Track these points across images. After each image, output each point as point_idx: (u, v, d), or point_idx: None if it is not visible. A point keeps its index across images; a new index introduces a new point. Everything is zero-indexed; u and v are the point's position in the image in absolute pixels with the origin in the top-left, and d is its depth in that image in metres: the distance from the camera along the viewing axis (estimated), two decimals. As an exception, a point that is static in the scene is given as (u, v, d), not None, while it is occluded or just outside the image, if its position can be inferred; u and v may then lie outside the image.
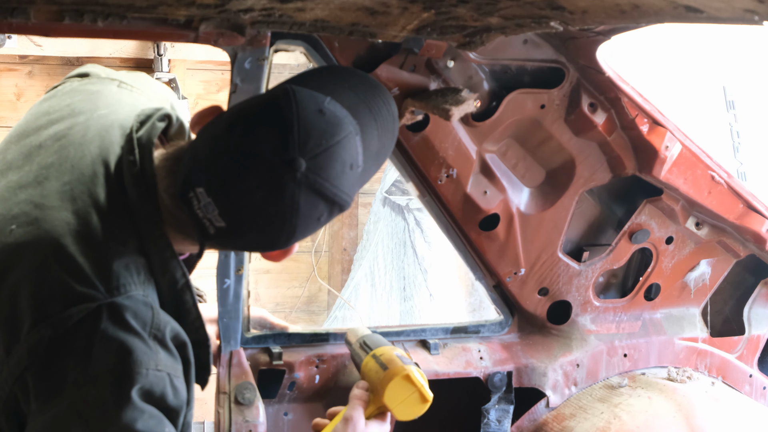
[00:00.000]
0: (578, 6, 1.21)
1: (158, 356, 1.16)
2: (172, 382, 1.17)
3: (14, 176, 1.27)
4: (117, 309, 1.15)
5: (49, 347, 1.12)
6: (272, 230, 1.15)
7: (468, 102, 1.71)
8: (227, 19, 1.48)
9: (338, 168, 1.14)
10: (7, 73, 3.97)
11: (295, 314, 4.81)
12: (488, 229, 2.02)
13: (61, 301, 1.14)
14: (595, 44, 1.74)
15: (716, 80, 4.53)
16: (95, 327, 1.13)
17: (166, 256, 1.22)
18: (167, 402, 1.16)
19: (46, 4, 1.32)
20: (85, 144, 1.28)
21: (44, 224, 1.18)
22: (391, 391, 1.45)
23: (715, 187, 2.05)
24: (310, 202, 1.13)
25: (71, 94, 1.41)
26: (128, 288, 1.17)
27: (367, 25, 1.54)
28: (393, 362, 1.49)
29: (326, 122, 1.13)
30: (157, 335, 1.17)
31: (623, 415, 2.04)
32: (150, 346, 1.15)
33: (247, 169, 1.11)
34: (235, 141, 1.13)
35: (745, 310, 2.37)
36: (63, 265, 1.16)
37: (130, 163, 1.22)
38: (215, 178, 1.13)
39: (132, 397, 1.11)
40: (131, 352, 1.13)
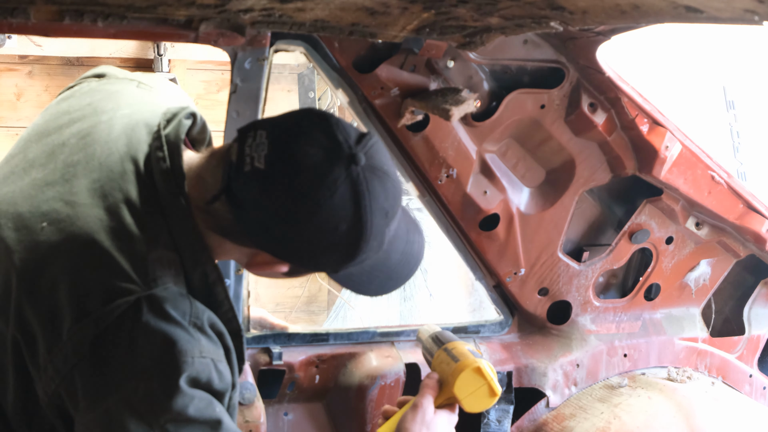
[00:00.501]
0: (578, 6, 1.21)
1: (201, 343, 1.17)
2: (216, 367, 1.19)
3: (39, 174, 1.28)
4: (156, 300, 1.16)
5: (94, 344, 1.13)
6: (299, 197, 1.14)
7: (468, 102, 1.71)
8: (227, 19, 1.48)
9: (381, 198, 1.18)
10: (7, 73, 3.97)
11: (295, 314, 4.81)
12: (488, 229, 2.02)
13: (101, 296, 1.15)
14: (595, 44, 1.74)
15: (716, 80, 4.53)
16: (137, 320, 1.14)
17: (197, 250, 1.23)
18: (213, 386, 1.18)
19: (46, 4, 1.32)
20: (112, 142, 1.29)
21: (77, 221, 1.19)
22: (461, 382, 1.48)
23: (715, 187, 2.05)
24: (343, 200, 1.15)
25: (91, 94, 1.42)
26: (164, 280, 1.19)
27: (367, 26, 1.54)
28: (464, 355, 1.53)
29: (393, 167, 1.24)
30: (196, 323, 1.19)
31: (623, 415, 2.04)
32: (192, 334, 1.17)
33: (315, 136, 1.16)
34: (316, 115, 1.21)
35: (745, 310, 2.37)
36: (100, 261, 1.17)
37: (159, 159, 1.24)
38: (283, 127, 1.18)
39: (180, 385, 1.13)
40: (175, 342, 1.14)
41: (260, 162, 1.15)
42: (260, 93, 1.72)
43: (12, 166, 1.33)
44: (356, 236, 1.17)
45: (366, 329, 2.09)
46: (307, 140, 1.16)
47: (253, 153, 1.16)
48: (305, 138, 1.16)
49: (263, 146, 1.16)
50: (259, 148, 1.16)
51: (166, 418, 1.13)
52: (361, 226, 1.17)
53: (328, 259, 1.22)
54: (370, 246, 1.20)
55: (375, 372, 1.99)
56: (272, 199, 1.16)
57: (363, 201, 1.16)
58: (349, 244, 1.18)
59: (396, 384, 2.00)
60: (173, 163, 1.23)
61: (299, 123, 1.20)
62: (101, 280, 1.16)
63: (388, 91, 1.81)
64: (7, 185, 1.29)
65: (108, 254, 1.17)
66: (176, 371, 1.13)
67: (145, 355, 1.13)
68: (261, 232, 1.21)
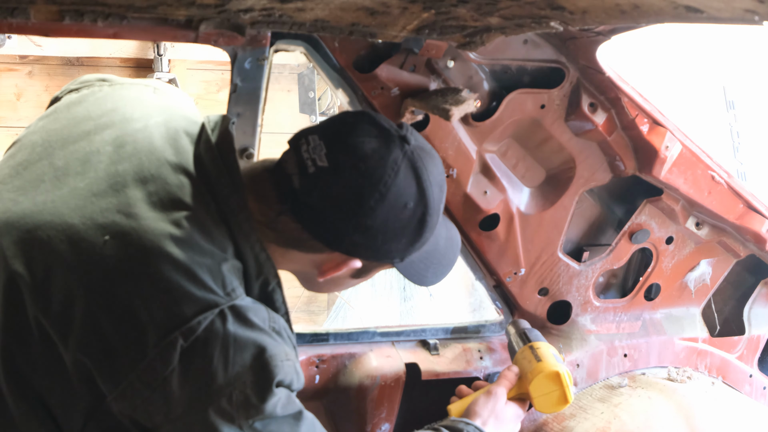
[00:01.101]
0: (578, 6, 1.21)
1: (284, 347, 1.23)
2: (296, 368, 1.25)
3: (80, 183, 1.25)
4: (239, 310, 1.19)
5: (184, 356, 1.15)
6: (368, 183, 1.21)
7: (468, 102, 1.71)
8: (227, 19, 1.48)
9: (435, 171, 1.28)
10: (7, 73, 3.97)
11: (295, 314, 4.81)
12: (488, 229, 2.02)
13: (186, 308, 1.16)
14: (595, 44, 1.74)
15: (716, 80, 4.53)
16: (225, 330, 1.17)
17: (261, 259, 1.27)
18: (293, 386, 1.24)
19: (46, 4, 1.32)
20: (158, 152, 1.29)
21: (145, 234, 1.19)
22: (538, 383, 1.59)
23: (715, 187, 2.05)
24: (407, 177, 1.23)
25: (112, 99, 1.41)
26: (240, 291, 1.22)
27: (367, 25, 1.54)
28: (547, 358, 1.63)
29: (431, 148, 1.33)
30: (275, 328, 1.24)
31: (623, 416, 2.04)
32: (275, 339, 1.22)
33: (364, 126, 1.25)
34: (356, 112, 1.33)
35: (745, 310, 2.37)
36: (178, 273, 1.17)
37: (218, 171, 1.27)
38: (331, 128, 1.26)
39: (273, 388, 1.18)
40: (265, 348, 1.19)
41: (323, 161, 1.22)
42: (260, 93, 1.72)
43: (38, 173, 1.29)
44: (423, 211, 1.26)
45: (366, 329, 2.09)
46: (358, 132, 1.23)
47: (313, 155, 1.22)
48: (356, 131, 1.24)
49: (320, 147, 1.22)
50: (317, 149, 1.22)
51: (256, 418, 1.18)
52: (425, 200, 1.26)
53: (399, 242, 1.28)
54: (433, 221, 1.29)
55: (375, 372, 1.99)
56: (343, 192, 1.22)
57: (423, 176, 1.25)
58: (418, 222, 1.26)
59: (396, 384, 2.00)
60: (231, 174, 1.27)
61: (344, 121, 1.27)
62: (183, 293, 1.17)
63: (388, 91, 1.81)
64: (41, 194, 1.26)
65: (185, 266, 1.18)
66: (270, 376, 1.18)
67: (238, 363, 1.17)
68: (333, 232, 1.26)
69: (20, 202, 1.25)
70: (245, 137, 1.75)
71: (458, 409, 1.62)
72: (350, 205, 1.22)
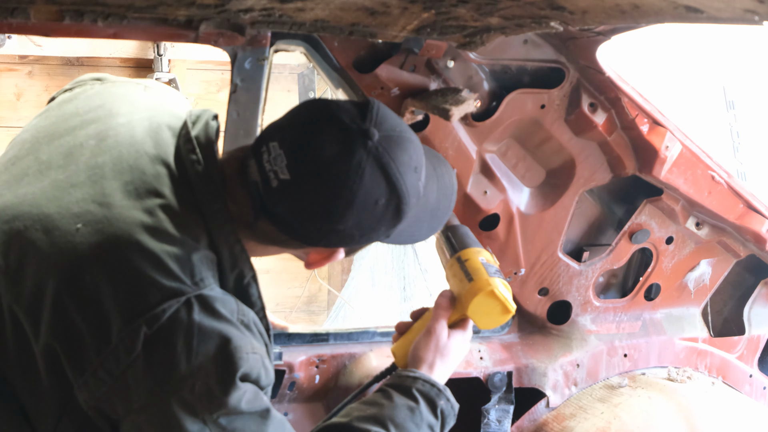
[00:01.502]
0: (578, 6, 1.21)
1: (251, 340, 1.20)
2: (264, 363, 1.22)
3: (60, 175, 1.27)
4: (206, 300, 1.18)
5: (147, 344, 1.14)
6: (333, 192, 1.18)
7: (468, 102, 1.71)
8: (227, 19, 1.48)
9: (405, 158, 1.22)
10: (7, 73, 3.97)
11: (295, 314, 4.81)
12: (488, 229, 2.02)
13: (151, 296, 1.16)
14: (596, 44, 1.74)
15: (716, 80, 4.53)
16: (190, 319, 1.15)
17: (236, 251, 1.25)
18: (260, 382, 1.22)
19: (46, 4, 1.32)
20: (138, 144, 1.29)
21: (116, 222, 1.19)
22: (475, 306, 1.47)
23: (715, 187, 2.05)
24: (374, 176, 1.19)
25: (100, 96, 1.42)
26: (209, 281, 1.21)
27: (367, 25, 1.54)
28: (478, 274, 1.50)
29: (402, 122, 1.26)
30: (243, 320, 1.22)
31: (623, 415, 2.04)
32: (242, 332, 1.20)
33: (323, 128, 1.19)
34: (316, 108, 1.23)
35: (745, 310, 2.37)
36: (146, 261, 1.17)
37: (194, 162, 1.25)
38: (291, 132, 1.21)
39: (236, 381, 1.16)
40: (230, 339, 1.17)
41: (284, 173, 1.18)
42: (260, 93, 1.72)
43: (23, 167, 1.31)
44: (396, 203, 1.22)
45: (366, 329, 2.09)
46: (318, 135, 1.19)
47: (274, 167, 1.19)
48: (315, 134, 1.19)
49: (280, 157, 1.19)
50: (278, 160, 1.19)
51: (220, 413, 1.15)
52: (398, 193, 1.21)
53: (378, 231, 1.26)
54: (411, 203, 1.25)
55: (375, 372, 1.98)
56: (309, 203, 1.20)
57: (391, 170, 1.20)
58: (393, 212, 1.23)
59: (396, 384, 1.99)
60: (208, 166, 1.25)
61: (303, 122, 1.22)
62: (149, 281, 1.16)
63: (388, 91, 1.81)
64: (23, 186, 1.27)
65: (153, 254, 1.17)
66: (233, 367, 1.16)
67: (201, 354, 1.15)
68: (309, 236, 1.25)
69: (3, 195, 1.27)
70: (245, 137, 1.75)
71: (401, 352, 1.54)
72: (320, 215, 1.21)
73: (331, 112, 1.21)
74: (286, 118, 1.25)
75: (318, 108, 1.24)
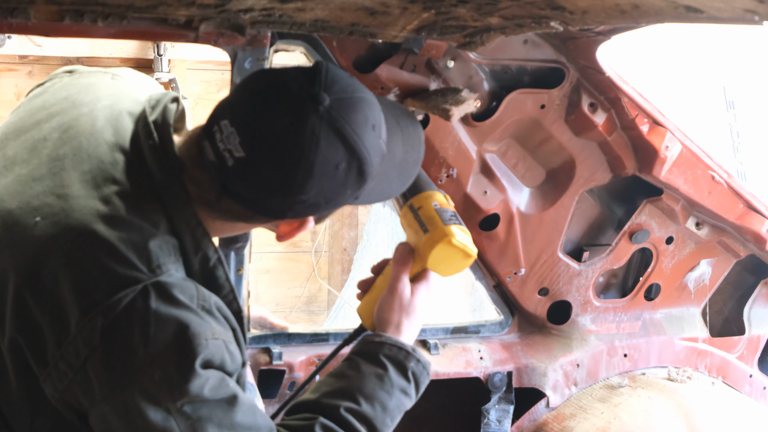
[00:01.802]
0: (578, 6, 1.21)
1: (212, 326, 1.18)
2: (227, 348, 1.20)
3: (23, 170, 1.27)
4: (163, 287, 1.16)
5: (105, 335, 1.13)
6: (290, 164, 1.16)
7: (468, 102, 1.71)
8: (227, 19, 1.48)
9: (360, 118, 1.18)
10: (7, 73, 3.97)
11: (295, 314, 4.81)
12: (488, 229, 2.02)
13: (107, 286, 1.15)
14: (595, 44, 1.74)
15: (716, 80, 4.53)
16: (147, 307, 1.14)
17: (197, 235, 1.24)
18: (226, 367, 1.19)
19: (46, 4, 1.32)
20: (97, 133, 1.28)
21: (72, 213, 1.19)
22: (434, 258, 1.41)
23: (715, 187, 2.05)
24: (330, 142, 1.16)
25: (66, 88, 1.41)
26: (168, 267, 1.19)
27: (367, 25, 1.54)
28: (433, 222, 1.42)
29: (355, 81, 1.21)
30: (204, 306, 1.19)
31: (623, 415, 2.04)
32: (202, 317, 1.17)
33: (272, 100, 1.16)
34: (263, 80, 1.20)
35: (745, 310, 2.37)
36: (102, 251, 1.16)
37: (151, 147, 1.24)
38: (240, 108, 1.18)
39: (196, 368, 1.14)
40: (188, 326, 1.15)
41: (239, 151, 1.16)
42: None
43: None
44: (358, 165, 1.19)
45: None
46: (267, 109, 1.16)
47: (228, 146, 1.16)
48: (265, 107, 1.16)
49: (233, 135, 1.16)
50: (230, 138, 1.16)
51: (183, 401, 1.14)
52: (357, 155, 1.18)
53: (344, 195, 1.23)
54: (374, 161, 1.22)
55: (375, 372, 1.98)
56: (268, 179, 1.18)
57: (347, 134, 1.17)
58: (356, 174, 1.20)
59: (396, 384, 1.99)
60: (165, 149, 1.23)
61: (252, 96, 1.19)
62: (105, 270, 1.15)
63: (389, 91, 1.81)
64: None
65: (109, 243, 1.16)
66: (191, 354, 1.14)
67: (158, 341, 1.13)
68: (273, 209, 1.23)
69: None
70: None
71: (366, 312, 1.48)
72: (280, 189, 1.19)
73: (279, 82, 1.18)
74: (235, 93, 1.22)
75: (265, 79, 1.20)
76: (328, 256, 4.91)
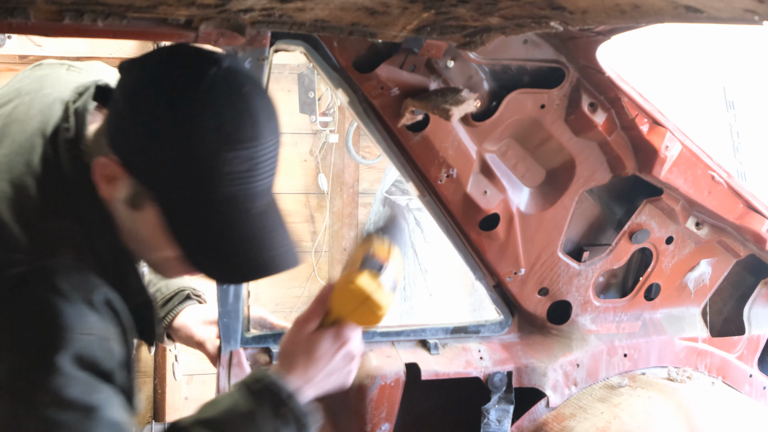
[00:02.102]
0: (578, 6, 1.21)
1: (87, 319, 1.12)
2: (101, 345, 1.13)
3: None
4: (45, 272, 1.12)
5: None
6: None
7: (468, 102, 1.71)
8: (227, 19, 1.48)
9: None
10: (7, 73, 3.96)
11: (295, 314, 4.80)
12: (488, 229, 2.02)
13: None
14: (595, 44, 1.74)
15: (716, 80, 4.53)
16: (22, 291, 1.10)
17: (100, 219, 1.22)
18: (100, 366, 1.12)
19: (46, 4, 1.32)
20: (27, 120, 1.30)
21: None
22: (336, 300, 1.30)
23: (715, 187, 2.05)
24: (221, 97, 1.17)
25: (20, 80, 1.45)
26: (59, 251, 1.16)
27: (367, 25, 1.54)
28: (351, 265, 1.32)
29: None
30: (86, 298, 1.13)
31: (623, 415, 2.04)
32: (78, 310, 1.11)
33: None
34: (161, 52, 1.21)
35: (745, 310, 2.37)
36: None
37: (64, 130, 1.25)
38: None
39: (59, 363, 1.06)
40: (57, 316, 1.08)
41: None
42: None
43: None
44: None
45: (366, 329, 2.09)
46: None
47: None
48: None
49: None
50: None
51: (44, 400, 1.06)
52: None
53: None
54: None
55: (375, 372, 1.98)
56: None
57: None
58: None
59: (396, 384, 2.00)
60: (77, 133, 1.23)
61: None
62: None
63: (388, 91, 1.81)
64: None
65: (3, 225, 1.15)
66: (55, 346, 1.07)
67: (24, 328, 1.09)
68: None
69: None
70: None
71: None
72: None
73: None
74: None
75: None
76: (328, 256, 4.91)
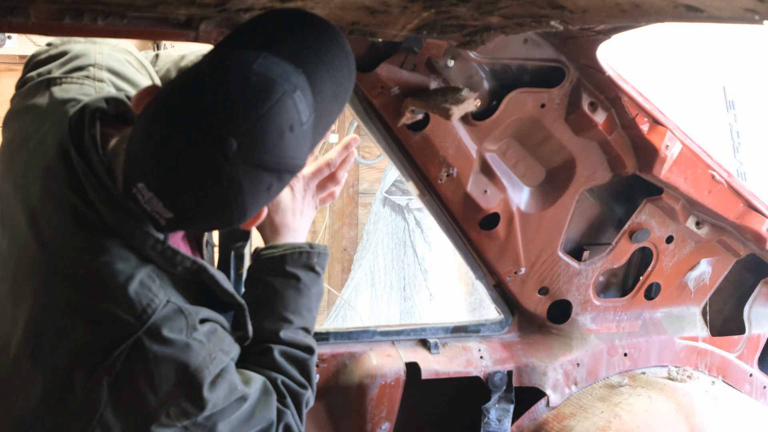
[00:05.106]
0: (578, 5, 1.21)
1: (206, 349, 1.25)
2: (223, 350, 1.29)
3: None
4: (154, 331, 1.20)
5: (113, 392, 1.20)
6: (222, 213, 1.14)
7: (468, 101, 1.71)
8: (227, 18, 1.48)
9: (275, 135, 1.09)
10: (7, 73, 3.96)
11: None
12: (488, 229, 2.02)
13: (101, 345, 1.20)
14: (596, 43, 1.74)
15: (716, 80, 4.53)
16: (145, 355, 1.20)
17: (167, 255, 1.26)
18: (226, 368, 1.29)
19: (46, 4, 1.32)
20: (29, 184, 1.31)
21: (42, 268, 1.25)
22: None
23: (715, 187, 2.05)
24: (252, 178, 1.10)
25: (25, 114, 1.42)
26: (153, 304, 1.22)
27: (367, 24, 1.54)
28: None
29: (254, 90, 1.08)
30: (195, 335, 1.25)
31: (623, 415, 2.04)
32: (196, 349, 1.23)
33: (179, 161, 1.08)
34: (162, 132, 1.09)
35: (745, 309, 2.37)
36: (85, 317, 1.21)
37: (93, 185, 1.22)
38: (151, 172, 1.11)
39: (205, 395, 1.24)
40: (187, 365, 1.22)
41: (167, 213, 1.14)
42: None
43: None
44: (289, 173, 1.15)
45: (366, 329, 2.09)
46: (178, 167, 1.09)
47: (155, 208, 1.14)
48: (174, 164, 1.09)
49: (154, 200, 1.13)
50: (153, 202, 1.13)
51: (199, 417, 1.25)
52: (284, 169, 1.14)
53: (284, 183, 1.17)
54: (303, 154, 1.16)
55: (375, 371, 1.99)
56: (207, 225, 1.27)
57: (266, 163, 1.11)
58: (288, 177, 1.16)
59: (396, 383, 2.00)
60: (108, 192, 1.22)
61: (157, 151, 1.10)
62: (96, 333, 1.20)
63: (389, 90, 1.81)
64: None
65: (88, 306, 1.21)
66: (199, 386, 1.23)
67: (164, 383, 1.21)
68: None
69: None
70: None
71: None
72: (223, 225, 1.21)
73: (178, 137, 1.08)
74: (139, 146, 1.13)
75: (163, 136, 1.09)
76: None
